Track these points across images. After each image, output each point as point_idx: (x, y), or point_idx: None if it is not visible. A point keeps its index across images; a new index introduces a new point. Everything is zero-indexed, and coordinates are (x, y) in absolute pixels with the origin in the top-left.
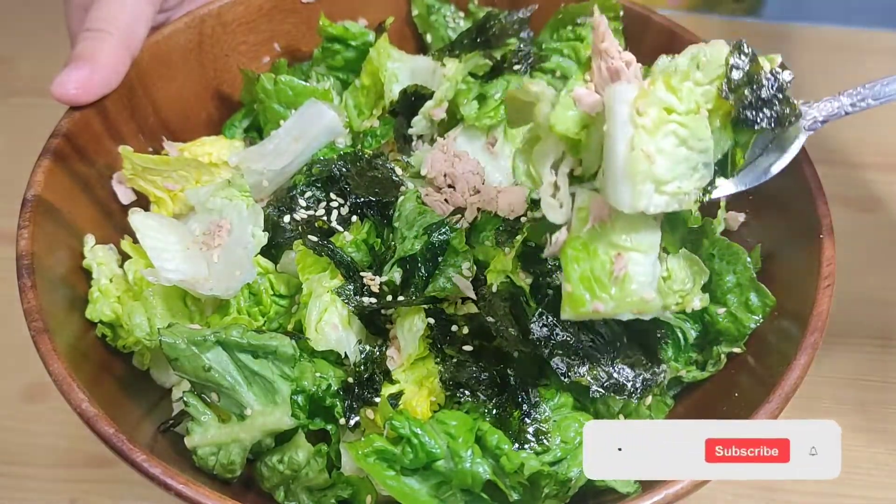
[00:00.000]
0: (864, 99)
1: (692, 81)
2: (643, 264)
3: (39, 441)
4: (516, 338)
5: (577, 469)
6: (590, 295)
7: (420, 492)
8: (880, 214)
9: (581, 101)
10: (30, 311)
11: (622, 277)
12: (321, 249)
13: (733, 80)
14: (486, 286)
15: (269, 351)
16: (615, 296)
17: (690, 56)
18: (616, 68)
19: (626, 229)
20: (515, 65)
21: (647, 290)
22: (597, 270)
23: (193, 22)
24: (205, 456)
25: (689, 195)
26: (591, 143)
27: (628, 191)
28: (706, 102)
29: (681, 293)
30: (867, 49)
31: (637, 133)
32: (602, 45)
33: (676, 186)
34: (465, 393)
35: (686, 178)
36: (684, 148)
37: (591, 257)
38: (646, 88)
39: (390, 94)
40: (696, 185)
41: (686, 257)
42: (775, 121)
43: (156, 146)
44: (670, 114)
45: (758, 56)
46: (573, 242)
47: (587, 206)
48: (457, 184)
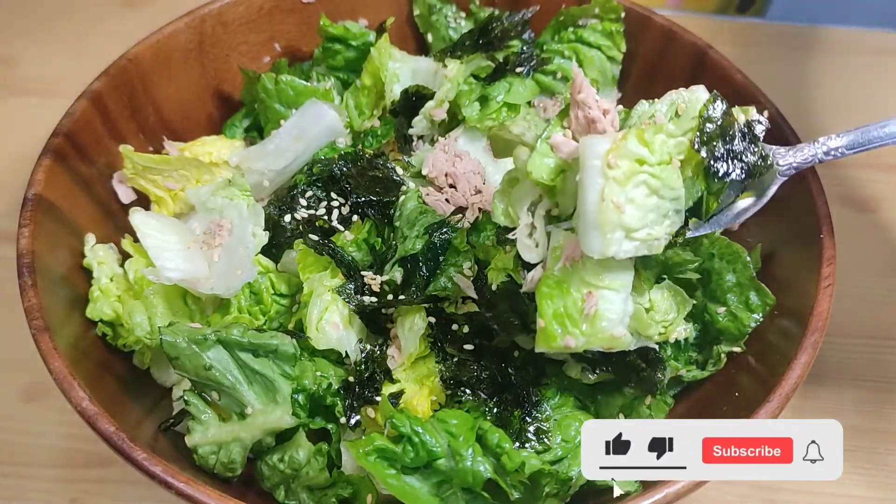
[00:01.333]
0: (839, 148)
1: (665, 134)
2: (614, 302)
3: (39, 441)
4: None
5: (577, 468)
6: (562, 330)
7: (421, 490)
8: (880, 214)
9: (558, 149)
10: (30, 309)
11: (592, 314)
12: (322, 248)
13: (706, 133)
14: (487, 285)
15: (270, 350)
16: (586, 332)
17: (669, 102)
18: (592, 118)
19: (597, 269)
20: (518, 67)
21: (617, 327)
22: (569, 307)
23: (194, 22)
24: (205, 455)
25: (659, 240)
26: (568, 187)
27: (598, 238)
28: (678, 153)
29: (664, 323)
30: (870, 50)
31: (608, 184)
32: (579, 96)
33: (646, 233)
34: (465, 392)
35: (657, 225)
36: (655, 197)
37: (564, 295)
38: (618, 142)
39: (391, 94)
40: (666, 230)
41: (669, 288)
42: (746, 172)
43: (156, 146)
44: (642, 165)
45: (732, 108)
46: (547, 280)
47: (561, 246)
48: (458, 183)
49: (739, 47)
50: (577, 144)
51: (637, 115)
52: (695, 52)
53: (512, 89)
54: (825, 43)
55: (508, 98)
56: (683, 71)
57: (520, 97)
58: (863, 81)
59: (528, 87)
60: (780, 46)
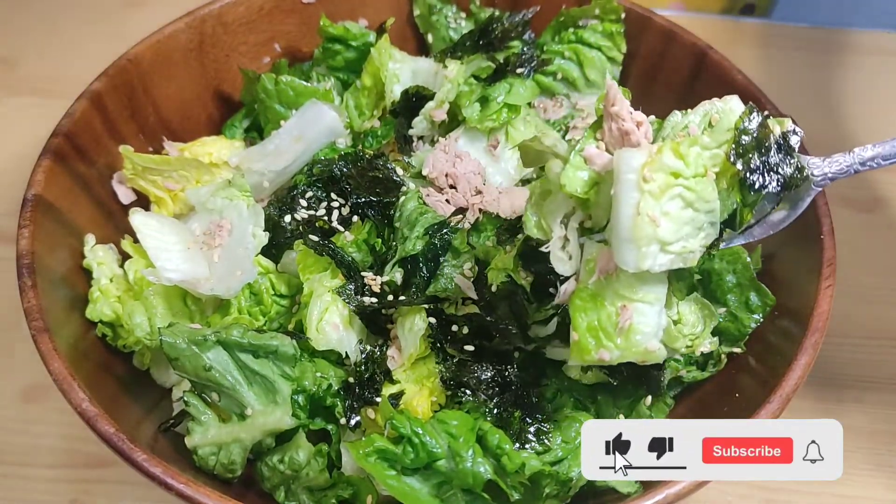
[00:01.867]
0: (875, 158)
1: (700, 146)
2: (648, 315)
3: (39, 441)
4: (516, 335)
5: (577, 469)
6: (595, 343)
7: (421, 491)
8: (880, 214)
9: (592, 161)
10: (30, 310)
11: (627, 328)
12: (322, 249)
13: (742, 145)
14: (487, 285)
15: (270, 351)
16: (620, 345)
17: (703, 113)
18: (626, 130)
19: (631, 282)
20: (518, 68)
21: (652, 340)
22: (603, 321)
23: (194, 22)
24: (205, 456)
25: (693, 253)
26: (602, 199)
27: (633, 252)
28: (714, 166)
29: (691, 337)
30: (874, 50)
31: (643, 198)
32: (613, 108)
33: (681, 246)
34: (466, 392)
35: (692, 238)
36: (690, 210)
37: (598, 308)
38: (653, 155)
39: (391, 94)
40: (701, 243)
41: (697, 301)
42: (782, 185)
43: (156, 146)
44: (677, 178)
45: (768, 119)
46: (581, 293)
47: (595, 258)
48: (458, 184)
49: (740, 48)
50: (611, 157)
51: (670, 125)
52: (695, 53)
53: (512, 90)
54: (828, 44)
55: (509, 99)
56: (684, 71)
57: (520, 98)
58: (866, 82)
59: (529, 87)
60: (781, 47)
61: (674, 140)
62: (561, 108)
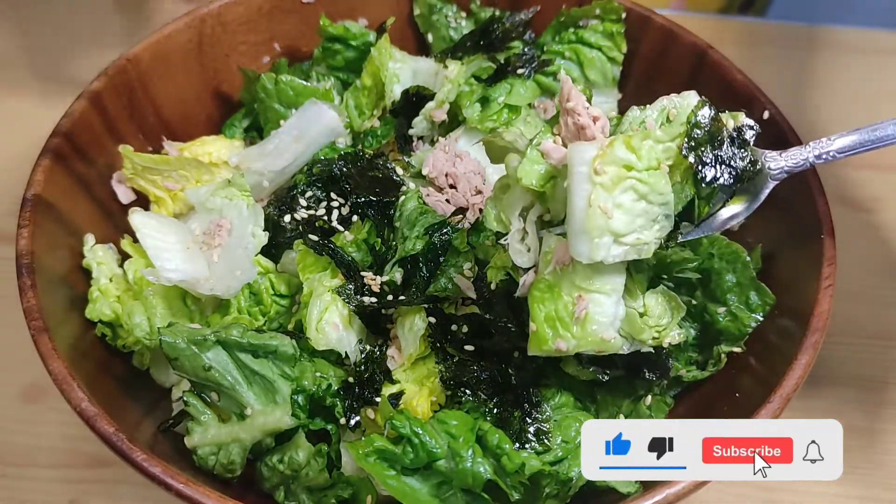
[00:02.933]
0: (829, 151)
1: (653, 140)
2: (605, 305)
3: (39, 441)
4: (515, 333)
5: (577, 469)
6: (553, 333)
7: (421, 491)
8: (880, 214)
9: (548, 155)
10: (30, 310)
11: (583, 318)
12: (322, 249)
13: (694, 139)
14: (486, 284)
15: (270, 350)
16: (576, 335)
17: (660, 108)
18: (582, 124)
19: (587, 273)
20: (519, 68)
21: (608, 330)
22: (560, 311)
23: (193, 22)
24: (205, 456)
25: (648, 245)
26: (559, 192)
27: (586, 244)
28: (667, 159)
29: (657, 328)
30: (871, 49)
31: (595, 190)
32: (568, 104)
33: (635, 238)
34: (465, 392)
35: (646, 230)
36: (644, 202)
37: (556, 298)
38: (605, 149)
39: (391, 94)
40: (656, 235)
41: (664, 293)
42: (735, 177)
43: (156, 146)
44: (629, 170)
45: (721, 113)
46: (539, 284)
47: (553, 251)
48: (458, 184)
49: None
50: (566, 151)
51: (629, 121)
52: (695, 53)
53: (513, 90)
54: (825, 43)
55: (509, 99)
56: (683, 71)
57: (521, 98)
58: (863, 81)
59: (529, 88)
60: (780, 46)
61: (626, 134)
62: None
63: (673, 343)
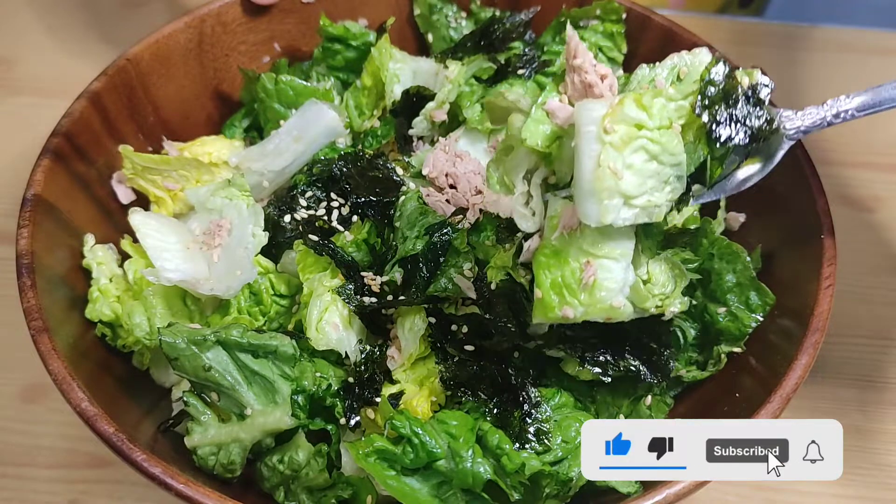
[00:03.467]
0: (848, 110)
1: (664, 97)
2: (614, 271)
3: (39, 441)
4: (515, 333)
5: (577, 469)
6: (559, 300)
7: (421, 492)
8: (880, 214)
9: (554, 115)
10: (29, 310)
11: (591, 284)
12: (322, 249)
13: (707, 97)
14: (486, 283)
15: (270, 350)
16: (584, 301)
17: (670, 66)
18: (589, 82)
19: (595, 237)
20: (520, 69)
21: (617, 296)
22: (567, 277)
23: (193, 22)
24: (205, 456)
25: (659, 207)
26: (565, 153)
27: (595, 206)
28: (679, 118)
29: (661, 296)
30: (870, 49)
31: (604, 150)
32: (575, 61)
33: (646, 200)
34: (465, 392)
35: (657, 191)
36: (655, 162)
37: (562, 264)
38: (615, 107)
39: (391, 94)
40: (667, 197)
41: (667, 261)
42: (750, 137)
43: (155, 146)
44: (640, 130)
45: (736, 70)
46: (544, 249)
47: (559, 215)
48: (458, 184)
49: (739, 46)
50: (573, 110)
51: (637, 79)
52: None
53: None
54: (824, 42)
55: None
56: None
57: None
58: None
59: (530, 88)
60: (779, 46)
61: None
62: None
63: (676, 311)
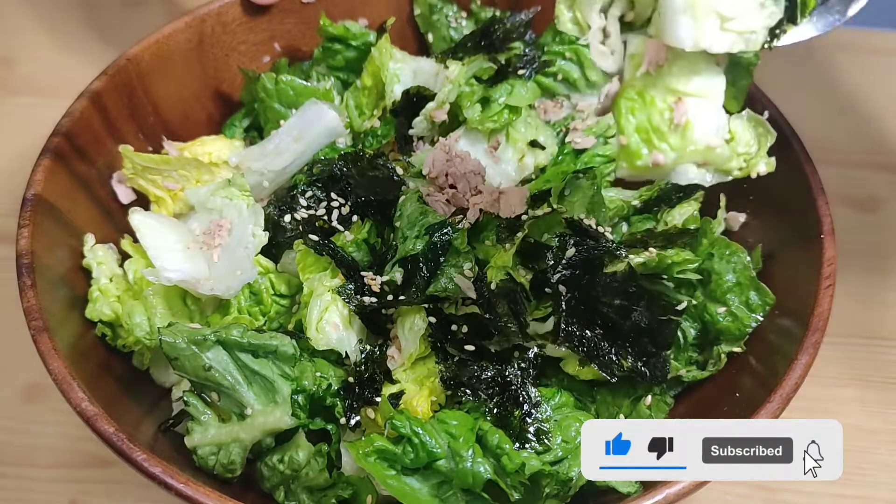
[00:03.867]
0: None
1: None
2: (707, 110)
3: (39, 441)
4: (515, 333)
5: (577, 469)
6: (647, 147)
7: (421, 491)
8: (880, 214)
9: None
10: (30, 310)
11: (684, 125)
12: (322, 249)
13: None
14: (486, 283)
15: (270, 350)
16: (675, 145)
17: None
18: None
19: (685, 72)
20: (520, 69)
21: (713, 136)
22: (655, 119)
23: (193, 22)
24: (205, 455)
25: (756, 34)
26: None
27: (690, 26)
28: None
29: (745, 156)
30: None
31: None
32: None
33: (743, 24)
34: (466, 392)
35: (754, 14)
36: None
37: (648, 106)
38: None
39: (391, 94)
40: (764, 23)
41: (751, 118)
42: None
43: (156, 146)
44: None
45: None
46: (627, 91)
47: (641, 52)
48: (458, 184)
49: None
50: None
51: None
52: None
53: (514, 91)
54: (825, 42)
55: (510, 100)
56: None
57: (521, 99)
58: (863, 81)
59: (530, 89)
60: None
61: None
62: (561, 109)
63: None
